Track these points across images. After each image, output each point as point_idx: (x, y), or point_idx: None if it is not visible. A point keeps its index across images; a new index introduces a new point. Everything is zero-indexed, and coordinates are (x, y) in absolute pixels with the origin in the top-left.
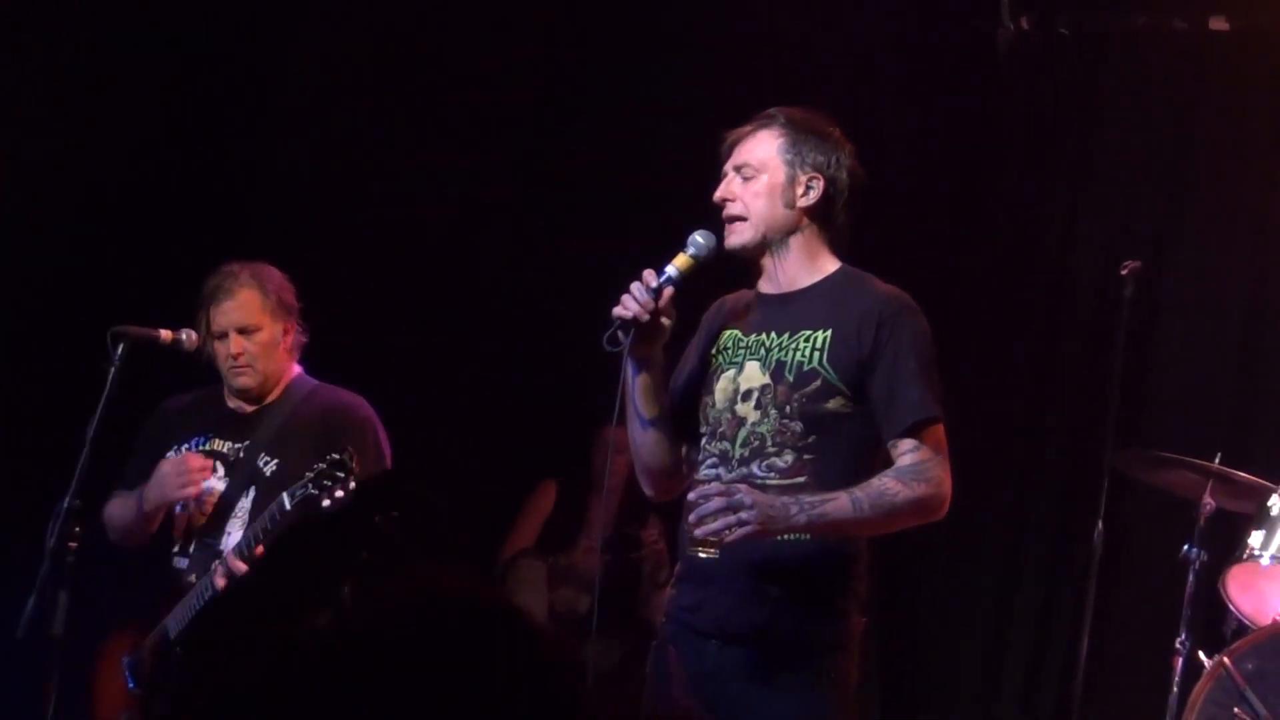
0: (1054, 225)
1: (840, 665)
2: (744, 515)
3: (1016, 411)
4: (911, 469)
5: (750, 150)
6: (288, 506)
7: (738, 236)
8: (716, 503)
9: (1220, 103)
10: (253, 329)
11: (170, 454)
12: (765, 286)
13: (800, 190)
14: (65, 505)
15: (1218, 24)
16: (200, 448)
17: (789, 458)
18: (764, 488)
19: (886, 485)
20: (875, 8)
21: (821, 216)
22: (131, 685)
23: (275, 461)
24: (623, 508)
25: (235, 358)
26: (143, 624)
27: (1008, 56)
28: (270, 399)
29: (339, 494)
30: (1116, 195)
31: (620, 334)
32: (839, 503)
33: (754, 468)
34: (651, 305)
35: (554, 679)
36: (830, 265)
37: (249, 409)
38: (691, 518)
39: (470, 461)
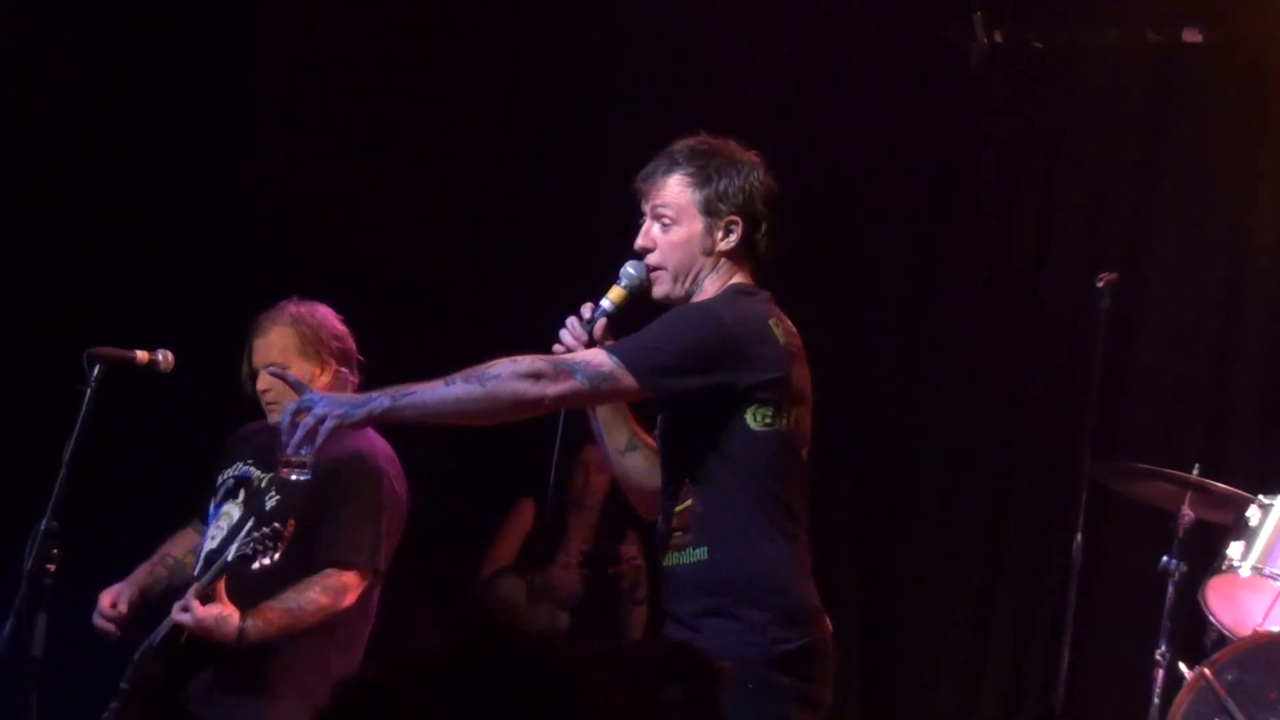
0: (1029, 238)
1: (747, 681)
2: (317, 412)
3: (994, 424)
4: (533, 359)
5: (664, 196)
6: (229, 560)
7: (660, 287)
8: (287, 420)
9: (1194, 114)
10: (280, 368)
11: (217, 479)
12: None
13: (720, 235)
14: (42, 527)
15: (1191, 36)
16: (237, 472)
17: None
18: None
19: (494, 365)
20: (847, 21)
21: (741, 254)
22: (123, 685)
23: (276, 499)
24: (601, 524)
25: (263, 394)
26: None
27: (981, 70)
28: None
29: (265, 561)
30: (1090, 207)
31: None
32: (432, 384)
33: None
34: (585, 338)
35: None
36: (726, 285)
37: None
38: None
39: (448, 479)
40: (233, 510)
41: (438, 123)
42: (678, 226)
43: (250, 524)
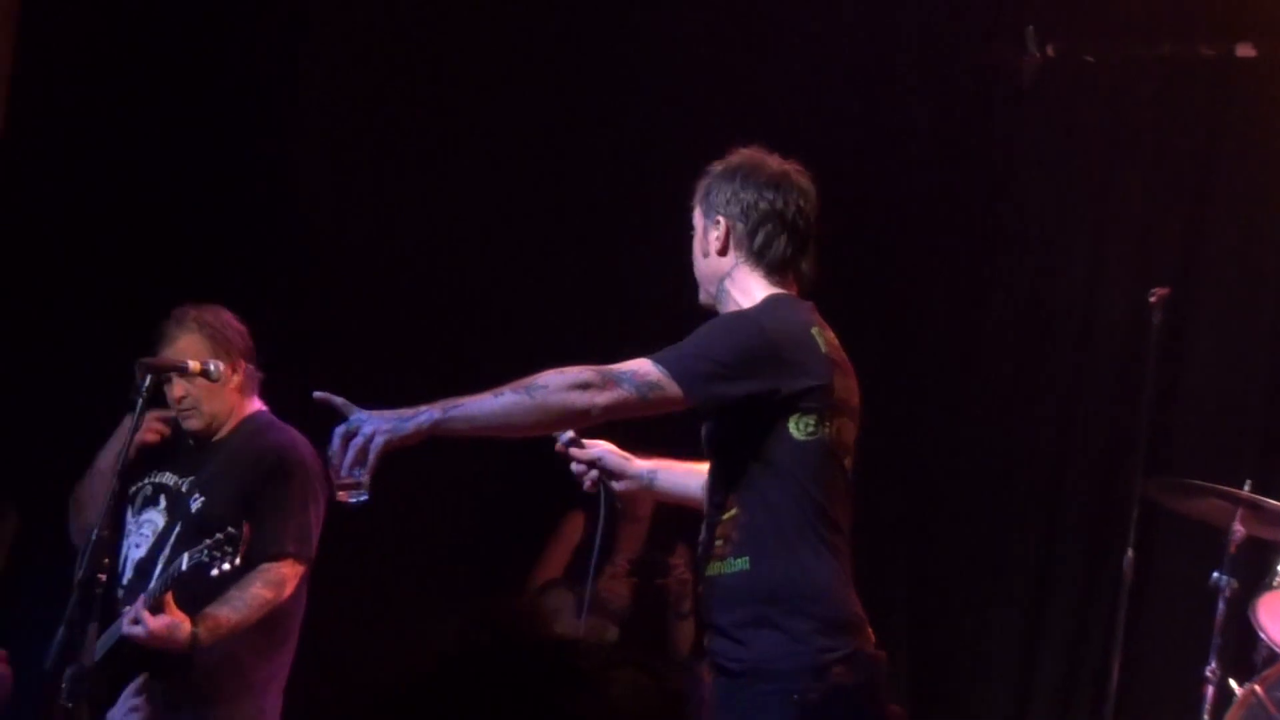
0: (1081, 253)
1: (792, 691)
2: (366, 431)
3: (1046, 439)
4: (580, 369)
5: (691, 204)
6: (184, 567)
7: (700, 293)
8: (337, 444)
9: (1247, 129)
10: (192, 374)
11: (130, 488)
12: None
13: (712, 236)
14: (94, 536)
15: (1245, 50)
16: (153, 479)
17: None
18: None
19: (542, 376)
20: (900, 35)
21: (752, 259)
22: (65, 698)
23: (202, 500)
24: (651, 537)
25: (179, 401)
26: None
27: (1033, 85)
28: (219, 436)
29: (225, 566)
30: (1143, 223)
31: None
32: (480, 396)
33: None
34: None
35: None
36: (759, 296)
37: (200, 445)
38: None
39: (499, 491)
40: (155, 517)
41: (479, 140)
42: (695, 233)
43: (180, 529)
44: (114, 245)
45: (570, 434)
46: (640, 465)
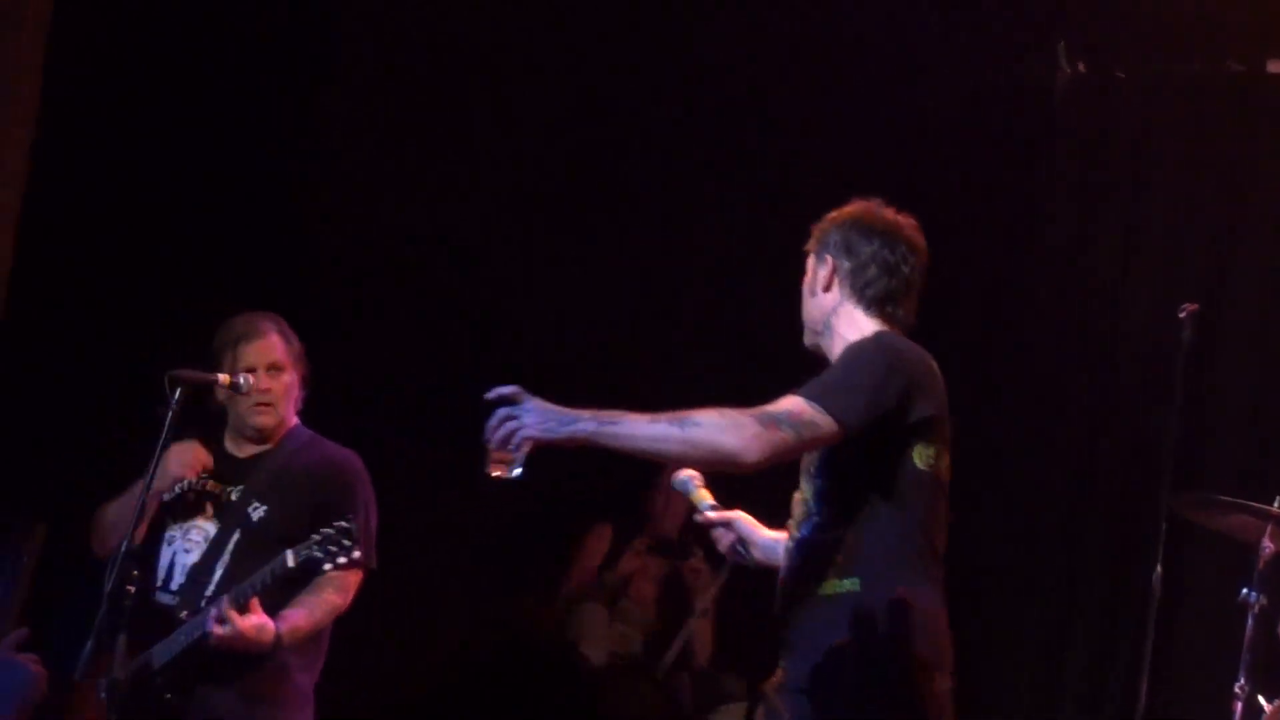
0: (1110, 268)
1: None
2: (524, 420)
3: (1074, 456)
4: (739, 412)
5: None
6: (290, 564)
7: (805, 336)
8: (494, 422)
9: (1276, 144)
10: (279, 370)
11: (166, 495)
12: None
13: (821, 274)
14: (123, 549)
15: (1275, 66)
16: (194, 487)
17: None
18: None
19: (701, 412)
20: (931, 50)
21: (847, 290)
22: (109, 709)
23: (264, 509)
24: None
25: (264, 392)
26: (120, 649)
27: (1064, 100)
28: (266, 446)
29: (341, 560)
30: (1172, 238)
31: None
32: (636, 418)
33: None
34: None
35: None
36: (867, 330)
37: (245, 454)
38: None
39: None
40: (205, 524)
41: (507, 155)
42: (807, 274)
43: (239, 538)
44: (141, 259)
45: (711, 503)
46: (768, 534)
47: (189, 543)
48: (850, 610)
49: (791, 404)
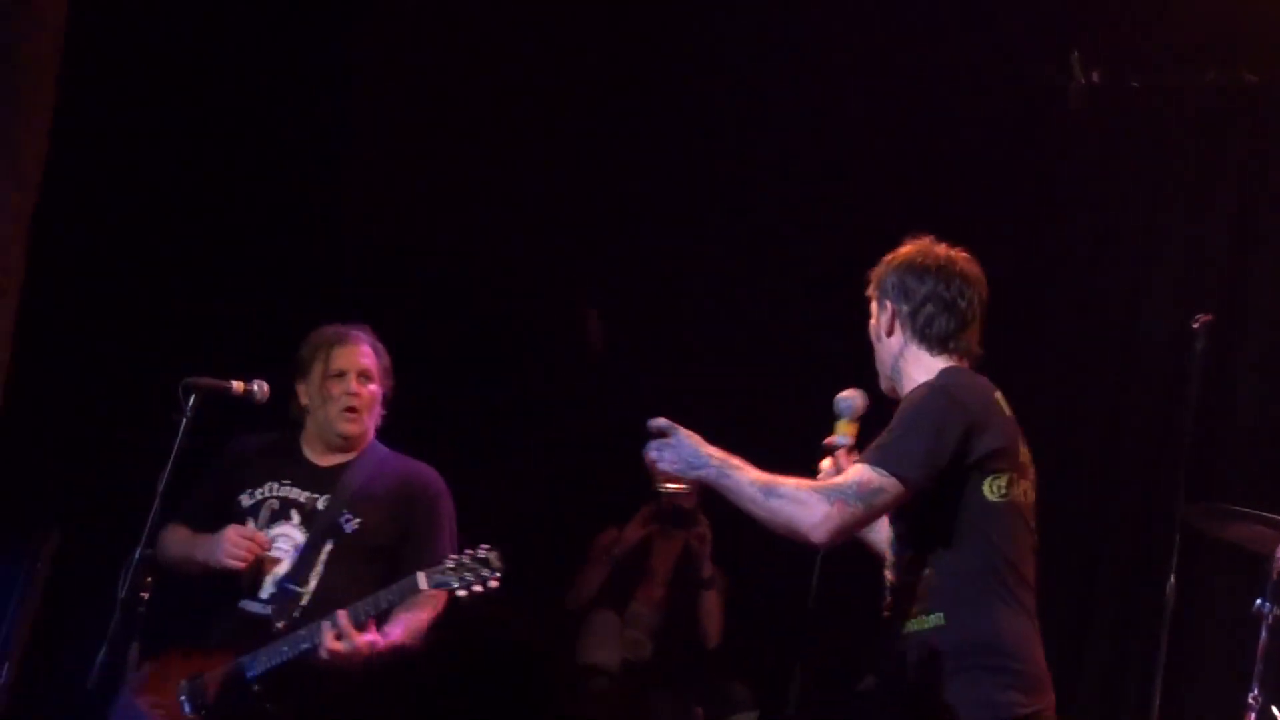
0: (1125, 279)
1: None
2: (666, 454)
3: (1088, 465)
4: (816, 485)
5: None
6: (422, 587)
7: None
8: (649, 450)
9: None
10: (369, 378)
11: (243, 496)
12: None
13: (883, 319)
14: (137, 556)
15: None
16: (276, 493)
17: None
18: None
19: (784, 484)
20: (946, 61)
21: (909, 332)
22: (188, 710)
23: (357, 521)
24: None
25: (354, 396)
26: (201, 654)
27: (1079, 110)
28: (349, 457)
29: (477, 589)
30: (1188, 248)
31: None
32: (744, 473)
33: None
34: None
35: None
36: (935, 369)
37: (326, 463)
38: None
39: (539, 507)
40: (291, 532)
41: (533, 163)
42: (871, 320)
43: (331, 548)
44: (156, 264)
45: (848, 442)
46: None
47: (278, 551)
48: (937, 644)
49: (859, 474)
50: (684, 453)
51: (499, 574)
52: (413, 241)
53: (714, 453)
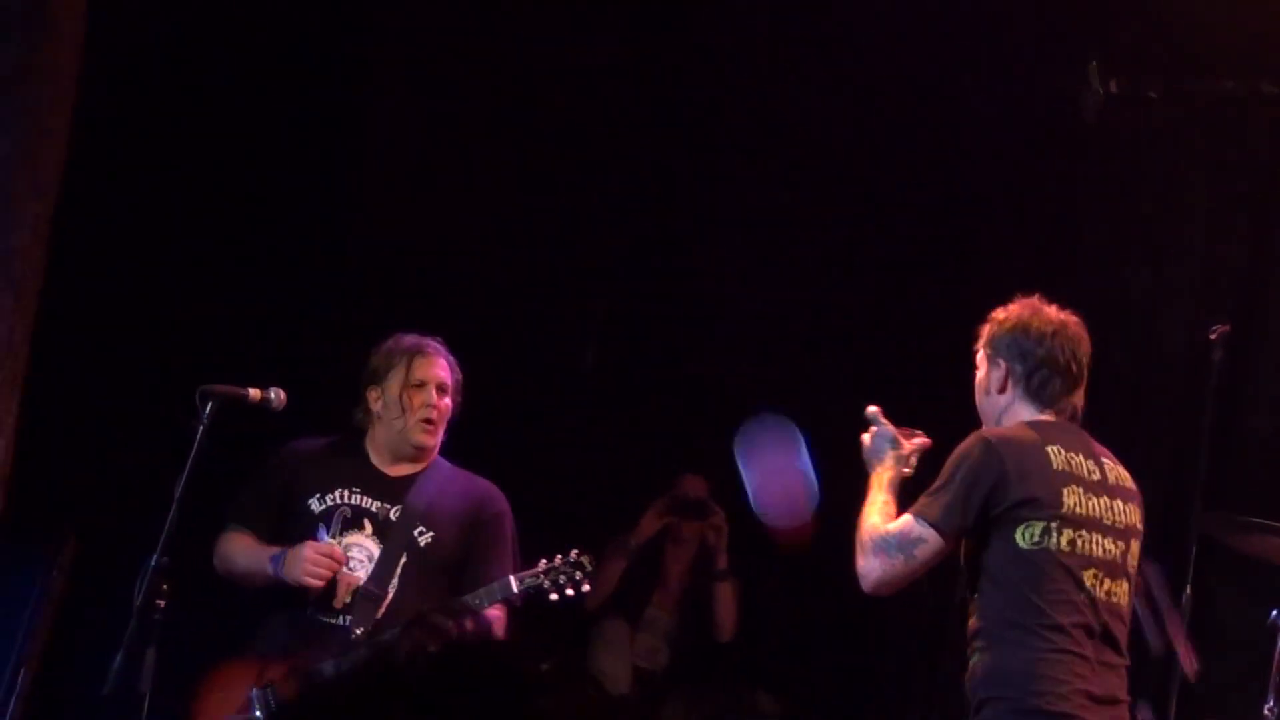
0: (1141, 288)
1: None
2: (872, 445)
3: None
4: (873, 535)
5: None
6: (514, 590)
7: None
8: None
9: None
10: (446, 391)
11: (311, 501)
12: None
13: (995, 376)
14: (153, 563)
15: None
16: (347, 500)
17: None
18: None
19: (876, 524)
20: (961, 69)
21: (1020, 391)
22: (259, 715)
23: (430, 535)
24: (698, 559)
25: (433, 409)
26: (267, 663)
27: (1095, 120)
28: (417, 469)
29: (569, 593)
30: (1205, 258)
31: None
32: (880, 494)
33: None
34: None
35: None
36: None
37: (395, 473)
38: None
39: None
40: (366, 543)
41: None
42: (978, 372)
43: (406, 561)
44: (174, 273)
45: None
46: None
47: (354, 562)
48: (976, 681)
49: (903, 525)
50: (876, 443)
51: (591, 577)
52: (431, 248)
53: (889, 463)
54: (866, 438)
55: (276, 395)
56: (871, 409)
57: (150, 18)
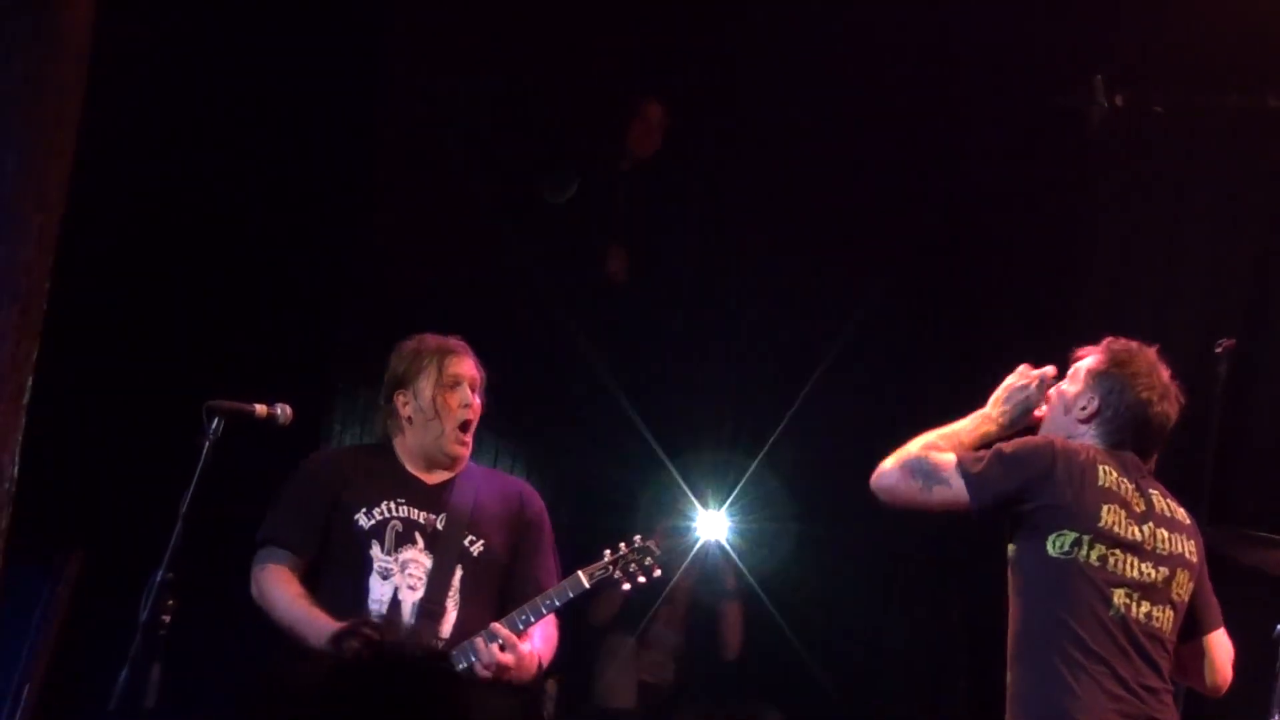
0: (1147, 301)
1: None
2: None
3: None
4: (909, 450)
5: (1073, 364)
6: (586, 585)
7: None
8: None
9: None
10: (478, 390)
11: (359, 517)
12: None
13: (1083, 403)
14: (158, 578)
15: None
16: (395, 514)
17: None
18: None
19: (932, 437)
20: (971, 83)
21: (1097, 427)
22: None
23: (481, 543)
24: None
25: (470, 409)
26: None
27: (1101, 133)
28: (452, 474)
29: (641, 580)
30: (1210, 272)
31: None
32: (950, 426)
33: None
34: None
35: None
36: None
37: (433, 480)
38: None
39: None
40: (419, 557)
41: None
42: (1061, 384)
43: (463, 573)
44: (180, 286)
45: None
46: None
47: (410, 578)
48: (1008, 698)
49: (944, 460)
50: (1017, 394)
51: (661, 563)
52: (437, 261)
53: (1001, 417)
54: (1018, 380)
55: (283, 411)
56: (1050, 371)
57: (156, 34)
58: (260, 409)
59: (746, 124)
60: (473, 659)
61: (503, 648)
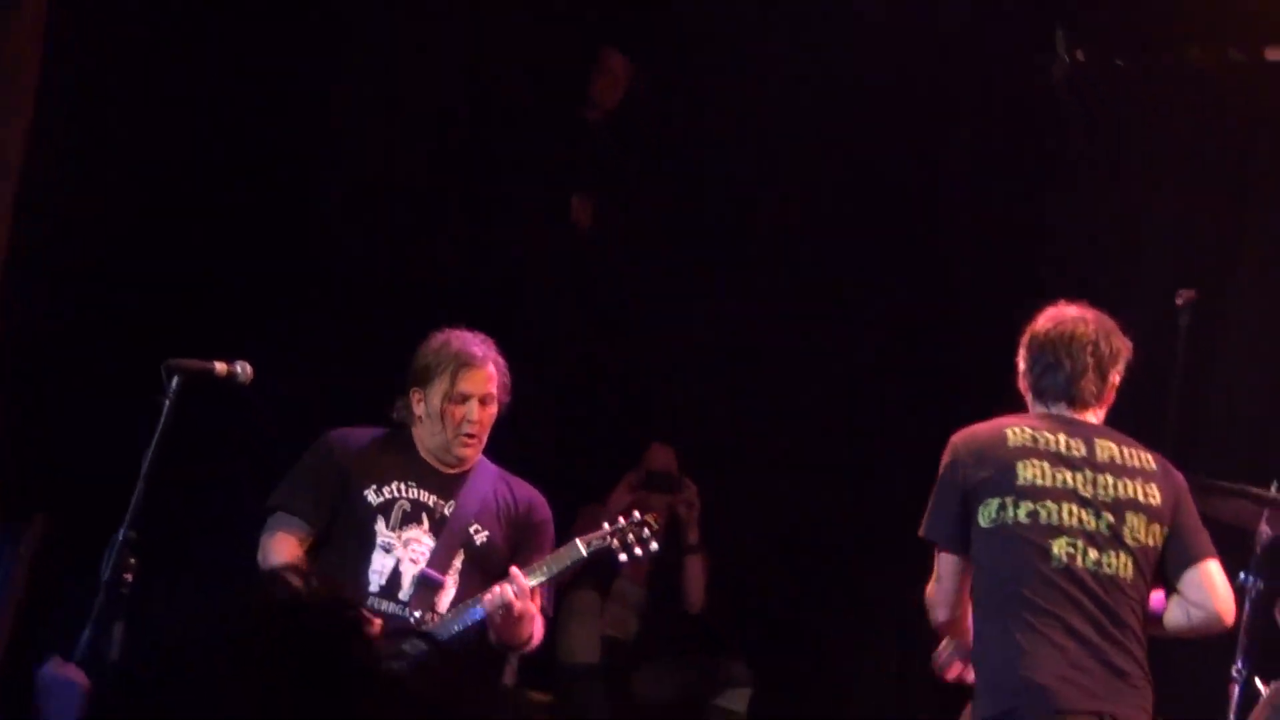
0: (1111, 256)
1: None
2: None
3: None
4: None
5: None
6: (583, 554)
7: None
8: None
9: (1276, 132)
10: (489, 402)
11: (368, 492)
12: None
13: (1020, 379)
14: (121, 536)
15: (1274, 54)
16: (406, 494)
17: None
18: None
19: None
20: (931, 41)
21: (1029, 390)
22: None
23: (486, 534)
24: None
25: (475, 424)
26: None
27: (1063, 89)
28: (466, 468)
29: (638, 552)
30: (1174, 225)
31: None
32: None
33: None
34: None
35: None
36: None
37: (448, 470)
38: None
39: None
40: (422, 537)
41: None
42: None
43: (465, 559)
44: (139, 248)
45: None
46: None
47: (413, 553)
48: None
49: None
50: None
51: (657, 537)
52: (400, 221)
53: None
54: None
55: (243, 369)
56: None
57: (113, 3)
58: (220, 367)
59: (711, 82)
60: (478, 612)
61: (519, 594)
